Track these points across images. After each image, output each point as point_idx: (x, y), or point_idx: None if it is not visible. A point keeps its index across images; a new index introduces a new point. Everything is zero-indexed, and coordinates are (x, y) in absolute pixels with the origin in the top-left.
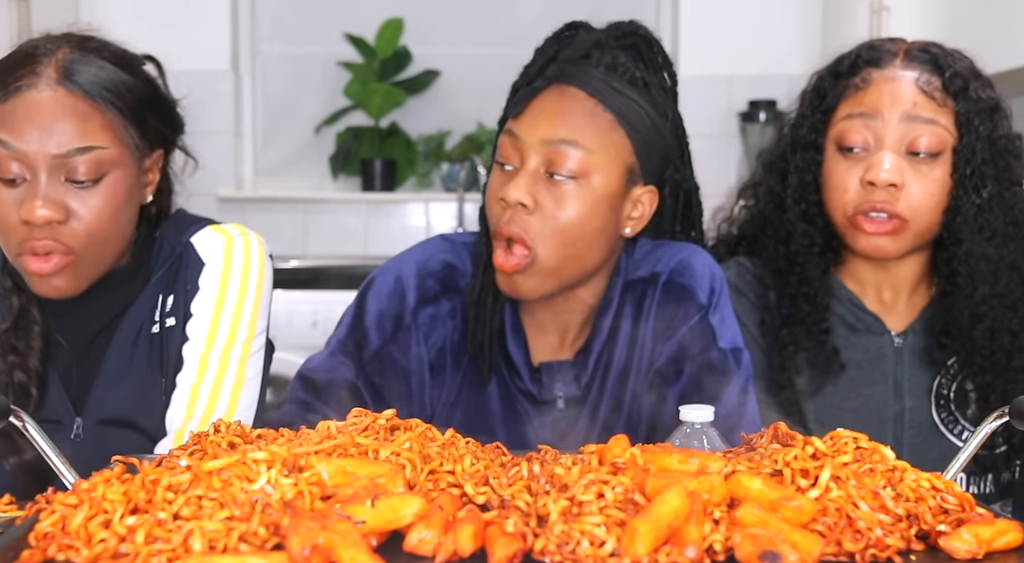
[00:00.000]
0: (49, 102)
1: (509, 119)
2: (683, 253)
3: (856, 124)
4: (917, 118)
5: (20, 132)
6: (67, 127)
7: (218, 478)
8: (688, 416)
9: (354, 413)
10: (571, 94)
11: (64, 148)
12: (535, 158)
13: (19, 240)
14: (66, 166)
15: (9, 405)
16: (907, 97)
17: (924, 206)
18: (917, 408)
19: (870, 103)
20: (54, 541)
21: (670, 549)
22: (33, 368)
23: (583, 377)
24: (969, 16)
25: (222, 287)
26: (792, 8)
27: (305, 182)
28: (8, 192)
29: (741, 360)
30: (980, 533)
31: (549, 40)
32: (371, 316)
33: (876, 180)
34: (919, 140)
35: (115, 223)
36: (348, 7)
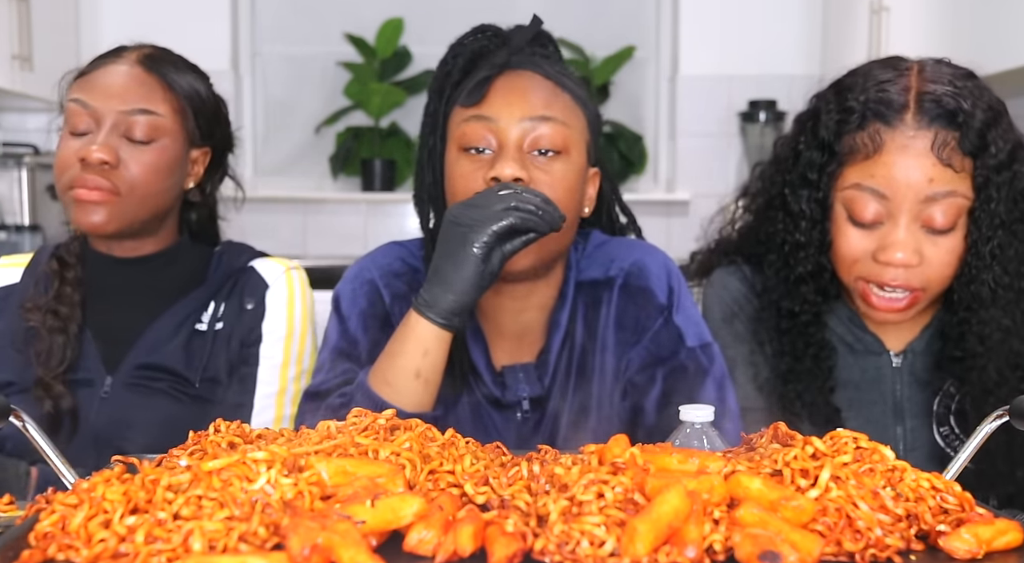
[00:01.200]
0: (124, 72)
1: (465, 107)
2: (636, 253)
3: (867, 197)
4: (935, 195)
5: (95, 92)
6: (134, 92)
7: (218, 478)
8: (688, 416)
9: (354, 413)
10: (527, 77)
11: (127, 106)
12: (515, 137)
13: (72, 176)
14: (126, 123)
15: (9, 405)
16: (923, 174)
17: (939, 276)
18: (918, 429)
19: (882, 178)
20: (54, 541)
21: (670, 549)
22: (72, 333)
23: (545, 378)
24: (969, 16)
25: (290, 314)
26: (792, 8)
27: (305, 182)
28: (74, 141)
29: (712, 355)
30: (980, 533)
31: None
32: (354, 321)
33: (891, 262)
34: (935, 217)
35: (157, 182)
36: (348, 7)
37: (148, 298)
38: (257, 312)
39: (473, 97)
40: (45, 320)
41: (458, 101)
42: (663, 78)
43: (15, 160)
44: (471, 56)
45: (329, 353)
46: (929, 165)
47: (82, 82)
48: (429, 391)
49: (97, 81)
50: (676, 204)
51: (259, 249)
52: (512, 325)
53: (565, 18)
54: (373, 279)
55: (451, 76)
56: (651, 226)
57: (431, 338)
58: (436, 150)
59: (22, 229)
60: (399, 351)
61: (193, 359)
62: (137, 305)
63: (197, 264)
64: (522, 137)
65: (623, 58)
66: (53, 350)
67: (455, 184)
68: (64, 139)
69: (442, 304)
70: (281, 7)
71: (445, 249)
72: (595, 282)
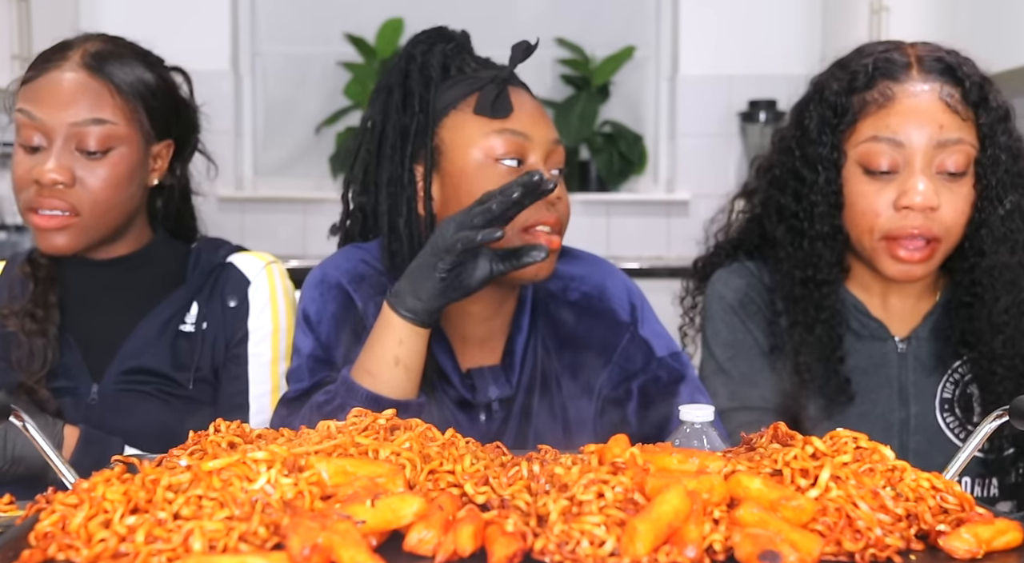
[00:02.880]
0: (71, 80)
1: (489, 118)
2: (595, 276)
3: (883, 147)
4: (946, 141)
5: (42, 103)
6: (83, 101)
7: (218, 478)
8: (688, 416)
9: (354, 413)
10: (525, 94)
11: (78, 117)
12: (542, 153)
13: (29, 198)
14: (78, 136)
15: (9, 404)
16: (934, 118)
17: (956, 224)
18: (922, 414)
19: (896, 126)
20: (54, 541)
21: (670, 549)
22: (51, 335)
23: (513, 377)
24: (969, 16)
25: (274, 310)
26: (792, 8)
27: (305, 182)
28: (27, 158)
29: (683, 362)
30: (980, 533)
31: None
32: (326, 325)
33: (913, 205)
34: (947, 161)
35: (117, 194)
36: (348, 7)
37: (128, 300)
38: (240, 310)
39: (500, 110)
40: (23, 324)
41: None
42: (663, 78)
43: None
44: (441, 57)
45: (304, 361)
46: (939, 112)
47: (28, 91)
48: (410, 378)
49: (43, 90)
50: (676, 204)
51: (237, 244)
52: (477, 330)
53: (565, 18)
54: (340, 283)
55: (427, 73)
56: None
57: (403, 328)
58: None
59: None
60: (377, 340)
61: (181, 361)
62: (117, 308)
63: (174, 262)
64: (547, 155)
65: (623, 58)
66: (34, 353)
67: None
68: (17, 152)
69: (409, 303)
70: (281, 7)
71: (422, 256)
72: (551, 294)
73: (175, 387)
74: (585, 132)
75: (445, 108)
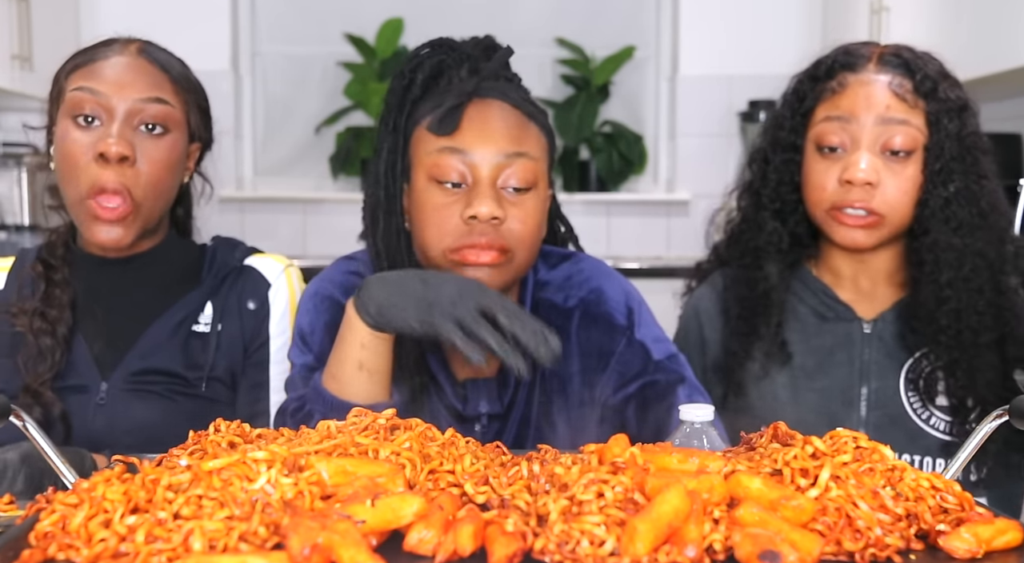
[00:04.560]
0: (131, 63)
1: (436, 135)
2: (592, 281)
3: (834, 126)
4: (890, 120)
5: (104, 80)
6: (146, 80)
7: (218, 478)
8: (688, 415)
9: (354, 413)
10: (497, 106)
11: (142, 94)
12: (489, 173)
13: (91, 181)
14: (141, 112)
15: (9, 405)
16: (880, 101)
17: (899, 202)
18: (883, 390)
19: (846, 107)
20: (54, 540)
21: (670, 548)
22: (61, 335)
23: (505, 395)
24: (969, 16)
25: (293, 313)
26: (792, 8)
27: (305, 182)
28: (84, 134)
29: (680, 364)
30: (980, 532)
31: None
32: (319, 335)
33: (853, 179)
34: (893, 140)
35: (168, 179)
36: (348, 7)
37: (140, 299)
38: (261, 313)
39: (446, 127)
40: (32, 323)
41: (424, 123)
42: (663, 78)
43: (15, 160)
44: (431, 72)
45: (298, 371)
46: (886, 95)
47: (85, 72)
48: (376, 381)
49: (103, 70)
50: (676, 204)
51: (251, 245)
52: None
53: (565, 18)
54: (333, 295)
55: (411, 91)
56: (651, 226)
57: (366, 333)
58: (397, 169)
59: (22, 229)
60: (340, 341)
61: (193, 360)
62: (130, 307)
63: (187, 261)
64: (496, 173)
65: (623, 58)
66: (42, 354)
67: (428, 216)
68: (68, 131)
69: (372, 310)
70: (281, 7)
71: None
72: (554, 306)
73: (186, 386)
74: (585, 132)
75: (414, 124)
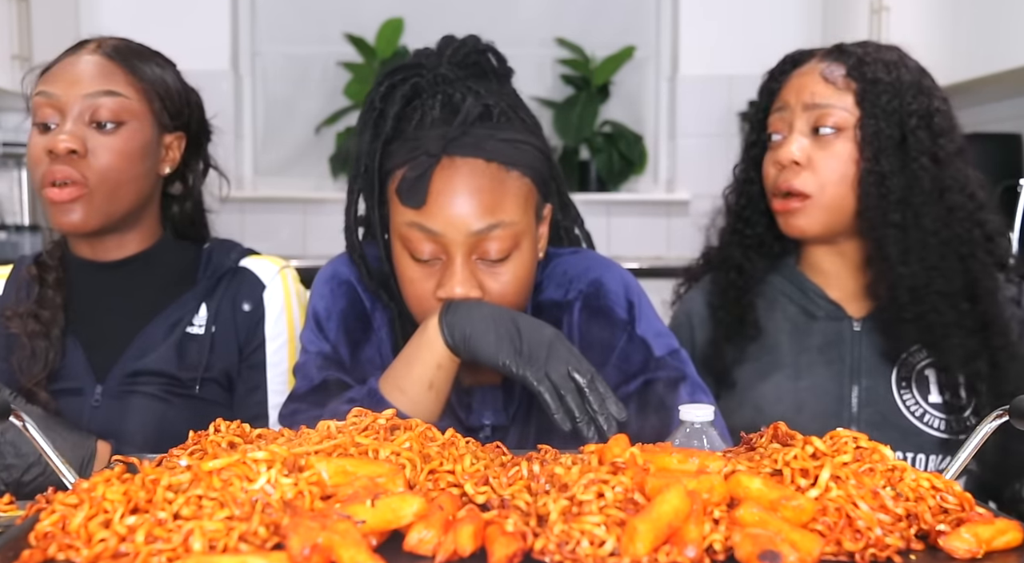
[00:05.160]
0: (87, 60)
1: (405, 207)
2: (592, 273)
3: (775, 117)
4: (816, 105)
5: (58, 81)
6: (97, 76)
7: (218, 478)
8: (688, 416)
9: (354, 413)
10: (468, 168)
11: (90, 89)
12: (462, 250)
13: (43, 171)
14: (92, 108)
15: (9, 405)
16: (808, 87)
17: (830, 180)
18: (875, 388)
19: (783, 97)
20: (54, 541)
21: (670, 549)
22: (54, 337)
23: (511, 406)
24: (969, 16)
25: (290, 317)
26: (792, 8)
27: (305, 182)
28: (41, 137)
29: (682, 360)
30: (980, 532)
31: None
32: (334, 323)
33: (781, 160)
34: (821, 118)
35: (128, 168)
36: (348, 7)
37: (135, 302)
38: (256, 314)
39: (412, 199)
40: (25, 325)
41: (394, 182)
42: (663, 78)
43: (15, 160)
44: (403, 102)
45: (312, 358)
46: (815, 84)
47: (46, 76)
48: (439, 402)
49: (60, 72)
50: (676, 204)
51: (247, 247)
52: None
53: (565, 18)
54: (350, 280)
55: (381, 127)
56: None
57: (445, 354)
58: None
59: (22, 229)
60: (415, 359)
61: (187, 362)
62: (123, 310)
63: (183, 264)
64: (469, 250)
65: (623, 58)
66: (35, 355)
67: (406, 286)
68: (32, 136)
69: (458, 336)
70: (281, 7)
71: (497, 329)
72: (555, 303)
73: (181, 388)
74: (585, 132)
75: (388, 173)
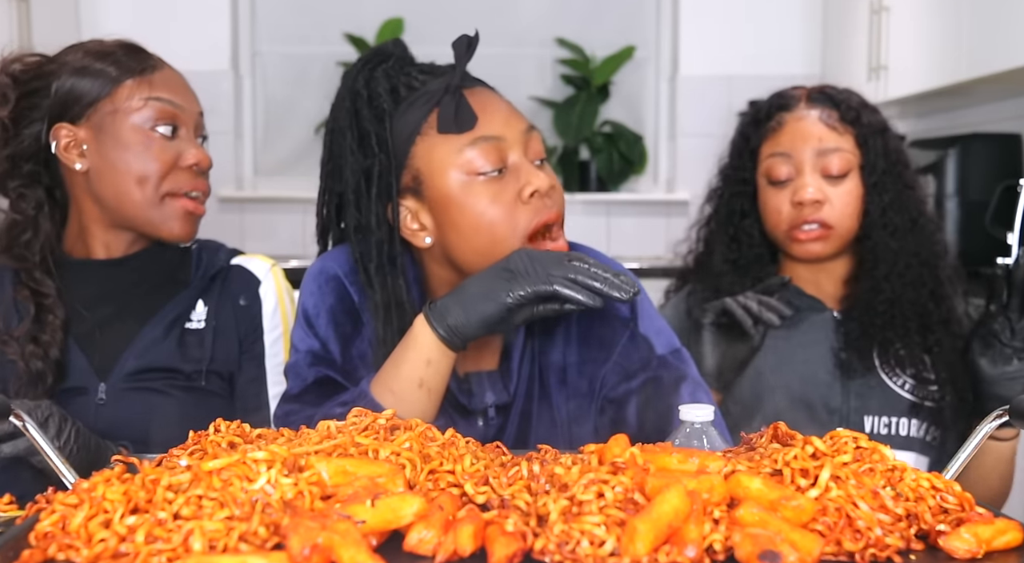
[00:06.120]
0: (178, 75)
1: (458, 133)
2: None
3: (778, 161)
4: (825, 150)
5: (178, 93)
6: (194, 95)
7: (218, 478)
8: (688, 416)
9: (354, 413)
10: (486, 92)
11: (199, 108)
12: (521, 149)
13: (179, 182)
14: (199, 124)
15: (9, 405)
16: (814, 133)
17: (844, 214)
18: (860, 360)
19: (787, 143)
20: (54, 541)
21: (670, 549)
22: (53, 358)
23: (510, 385)
24: (969, 16)
25: (284, 310)
26: (792, 9)
27: (305, 182)
28: (170, 144)
29: (683, 359)
30: (980, 532)
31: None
32: (323, 319)
33: (803, 200)
34: (830, 166)
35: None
36: (348, 7)
37: (131, 301)
38: (253, 308)
39: (465, 123)
40: (23, 350)
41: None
42: (663, 78)
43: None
44: (387, 81)
45: (302, 357)
46: (819, 129)
47: (156, 82)
48: (432, 402)
49: (172, 82)
50: (676, 204)
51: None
52: None
53: (565, 18)
54: (338, 276)
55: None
56: (651, 226)
57: (434, 348)
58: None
59: None
60: (402, 359)
61: (190, 356)
62: (121, 309)
63: (173, 263)
64: (525, 150)
65: (623, 58)
66: (32, 381)
67: (486, 211)
68: (153, 141)
69: (450, 320)
70: (281, 7)
71: (486, 278)
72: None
73: (186, 381)
74: (585, 132)
75: (410, 135)
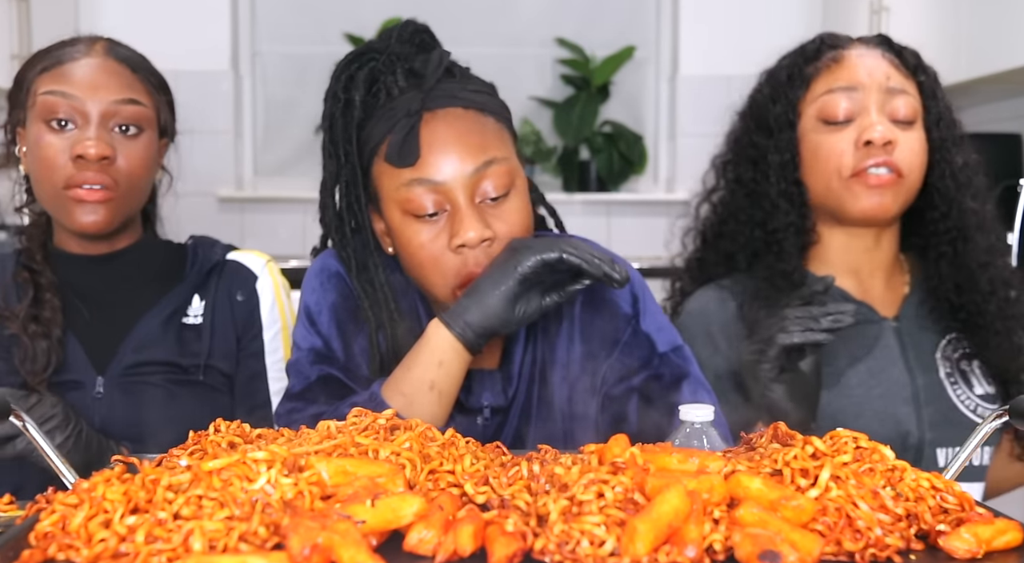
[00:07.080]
0: (102, 65)
1: (400, 168)
2: None
3: (839, 97)
4: (892, 89)
5: (77, 84)
6: (118, 83)
7: (218, 478)
8: (688, 416)
9: (354, 413)
10: (451, 116)
11: (116, 97)
12: (465, 194)
13: (68, 175)
14: (115, 114)
15: (9, 405)
16: (881, 69)
17: (914, 164)
18: (930, 386)
19: (849, 77)
20: (54, 541)
21: (670, 549)
22: (55, 337)
23: (509, 387)
24: (969, 16)
25: (281, 306)
26: (792, 8)
27: (305, 182)
28: (56, 138)
29: (685, 357)
30: (980, 533)
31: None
32: (325, 316)
33: (874, 139)
34: (898, 109)
35: (145, 175)
36: (348, 7)
37: (125, 295)
38: (250, 303)
39: (405, 158)
40: (26, 327)
41: (382, 153)
42: (663, 78)
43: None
44: (366, 86)
45: (305, 354)
46: (885, 64)
47: (54, 75)
48: (443, 405)
49: (75, 73)
50: (676, 204)
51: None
52: None
53: (565, 18)
54: (340, 273)
55: (351, 113)
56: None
57: (447, 349)
58: (362, 202)
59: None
60: (414, 362)
61: (188, 350)
62: (116, 303)
63: (167, 258)
64: (472, 192)
65: (623, 58)
66: (37, 355)
67: (416, 253)
68: (42, 135)
69: (466, 316)
70: (281, 7)
71: (490, 269)
72: None
73: (184, 375)
74: (585, 132)
75: (372, 151)
